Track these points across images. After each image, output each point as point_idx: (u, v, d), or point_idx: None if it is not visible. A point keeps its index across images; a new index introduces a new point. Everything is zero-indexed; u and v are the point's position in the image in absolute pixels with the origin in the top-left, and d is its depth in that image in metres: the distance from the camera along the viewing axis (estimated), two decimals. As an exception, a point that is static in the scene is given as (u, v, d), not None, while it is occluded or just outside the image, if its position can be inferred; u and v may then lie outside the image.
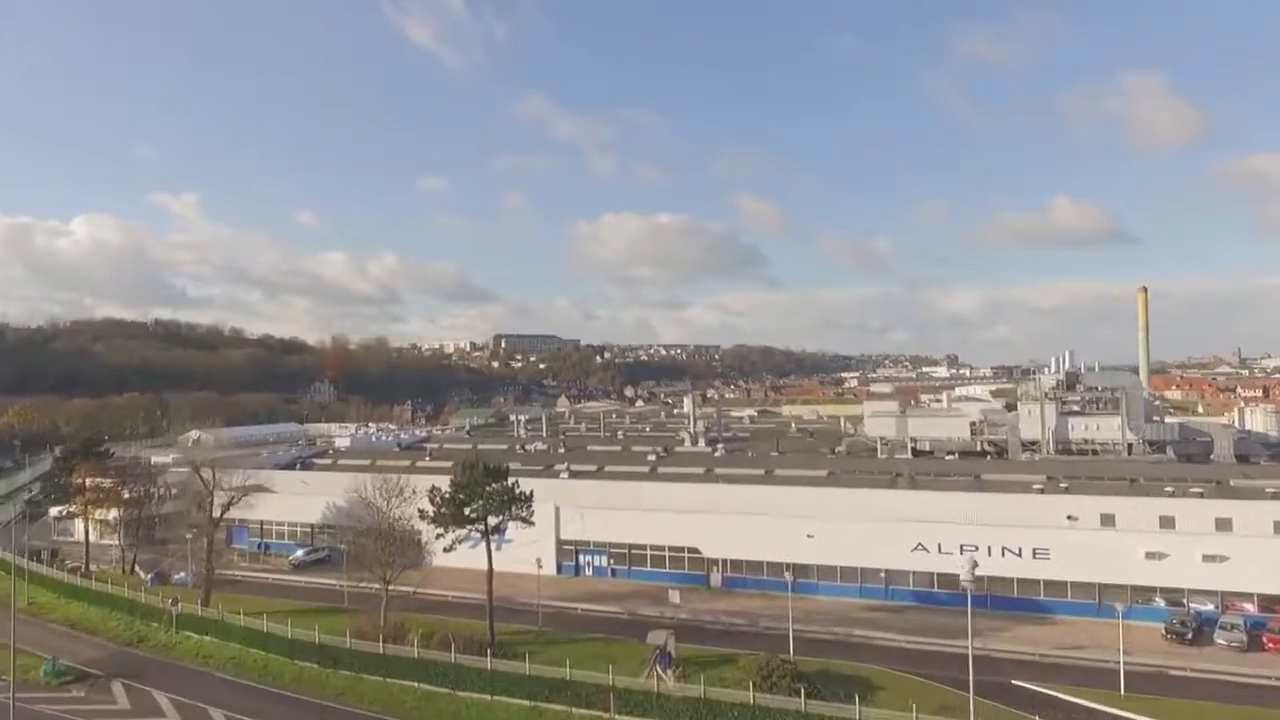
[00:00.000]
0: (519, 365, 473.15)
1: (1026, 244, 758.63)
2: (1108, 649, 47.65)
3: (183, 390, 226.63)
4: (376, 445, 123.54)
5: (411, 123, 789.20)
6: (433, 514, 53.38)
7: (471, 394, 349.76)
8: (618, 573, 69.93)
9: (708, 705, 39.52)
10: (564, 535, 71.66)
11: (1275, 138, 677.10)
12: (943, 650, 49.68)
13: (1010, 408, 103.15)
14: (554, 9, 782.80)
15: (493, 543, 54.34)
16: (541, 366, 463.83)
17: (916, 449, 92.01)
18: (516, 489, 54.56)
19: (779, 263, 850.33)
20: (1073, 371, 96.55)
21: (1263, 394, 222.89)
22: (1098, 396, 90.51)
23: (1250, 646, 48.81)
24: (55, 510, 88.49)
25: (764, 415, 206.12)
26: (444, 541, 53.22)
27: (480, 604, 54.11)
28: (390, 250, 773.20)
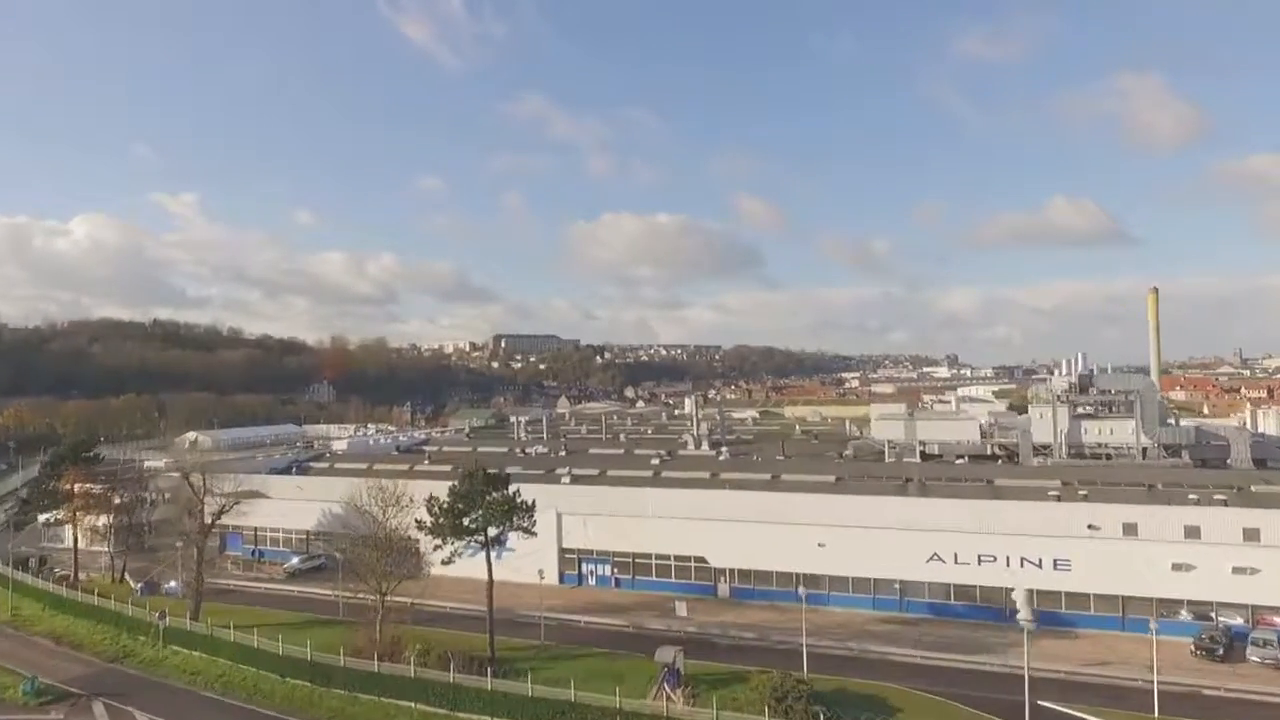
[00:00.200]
0: (519, 365, 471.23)
1: (1025, 244, 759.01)
2: (1134, 665, 45.73)
3: (180, 391, 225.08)
4: (374, 448, 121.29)
5: (410, 122, 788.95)
6: (430, 525, 51.35)
7: (471, 394, 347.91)
8: (622, 582, 67.82)
9: (720, 730, 37.39)
10: (566, 543, 69.54)
11: (1275, 138, 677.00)
12: (962, 667, 47.80)
13: (1014, 409, 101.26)
14: (552, 9, 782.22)
15: (493, 552, 52.29)
16: (541, 367, 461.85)
17: (925, 452, 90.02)
18: (517, 498, 52.44)
19: (778, 263, 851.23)
20: (1085, 374, 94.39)
21: (1267, 394, 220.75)
22: (1111, 399, 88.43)
23: (1285, 663, 46.55)
24: (44, 516, 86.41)
25: (766, 416, 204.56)
26: (442, 553, 51.11)
27: (481, 615, 52.05)
28: (389, 250, 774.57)
